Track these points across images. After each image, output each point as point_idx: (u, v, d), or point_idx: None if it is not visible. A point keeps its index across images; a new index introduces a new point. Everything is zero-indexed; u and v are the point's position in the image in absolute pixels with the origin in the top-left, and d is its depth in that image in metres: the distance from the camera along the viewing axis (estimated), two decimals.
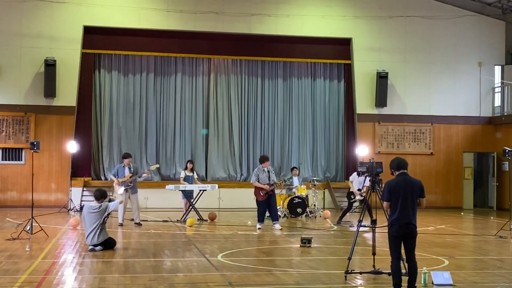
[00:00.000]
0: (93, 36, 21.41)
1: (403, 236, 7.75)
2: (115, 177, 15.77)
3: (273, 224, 15.24)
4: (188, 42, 22.20)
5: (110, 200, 10.94)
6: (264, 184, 15.06)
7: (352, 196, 16.61)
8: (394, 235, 7.78)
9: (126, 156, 16.13)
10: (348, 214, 17.05)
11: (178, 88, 22.44)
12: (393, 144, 22.80)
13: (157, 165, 18.08)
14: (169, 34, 21.84)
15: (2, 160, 20.63)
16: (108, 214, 11.54)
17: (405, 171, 7.98)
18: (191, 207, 17.21)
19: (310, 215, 18.47)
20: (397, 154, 22.31)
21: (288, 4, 22.22)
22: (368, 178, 9.09)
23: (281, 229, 15.06)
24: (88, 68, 21.63)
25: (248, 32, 22.03)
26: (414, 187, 7.84)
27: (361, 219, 9.06)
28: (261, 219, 15.28)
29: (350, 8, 22.51)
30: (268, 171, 15.23)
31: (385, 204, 7.93)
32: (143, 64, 22.23)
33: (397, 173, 7.99)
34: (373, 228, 8.96)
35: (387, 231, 7.91)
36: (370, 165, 8.97)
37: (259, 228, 15.13)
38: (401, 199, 7.76)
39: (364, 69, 22.63)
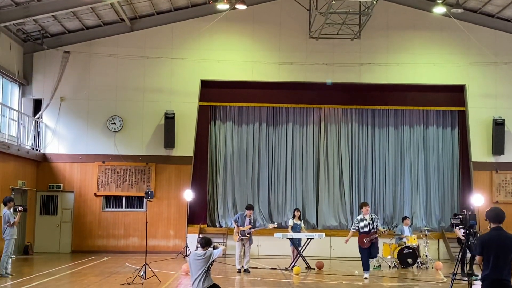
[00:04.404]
0: (209, 89, 22.51)
1: None
2: (235, 223, 16.45)
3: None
4: (299, 93, 22.70)
5: (214, 248, 11.37)
6: (365, 232, 15.26)
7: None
8: None
9: (250, 207, 16.77)
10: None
11: (290, 137, 22.96)
12: None
13: (275, 225, 18.36)
14: (280, 85, 22.51)
15: (125, 207, 21.99)
16: (213, 261, 12.01)
17: (500, 225, 7.80)
18: (299, 255, 17.43)
19: (421, 266, 18.04)
20: None
21: (399, 53, 22.24)
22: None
23: (366, 278, 15.03)
24: (204, 119, 22.70)
25: (358, 81, 22.25)
26: (508, 243, 7.63)
27: (455, 272, 8.91)
28: (366, 267, 15.24)
29: (462, 55, 22.14)
30: (372, 219, 15.30)
31: (477, 258, 7.78)
32: (256, 115, 23.02)
33: (492, 225, 7.83)
34: (469, 282, 8.78)
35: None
36: (464, 218, 8.85)
37: (365, 278, 15.07)
38: (494, 255, 7.57)
39: (479, 116, 22.07)
